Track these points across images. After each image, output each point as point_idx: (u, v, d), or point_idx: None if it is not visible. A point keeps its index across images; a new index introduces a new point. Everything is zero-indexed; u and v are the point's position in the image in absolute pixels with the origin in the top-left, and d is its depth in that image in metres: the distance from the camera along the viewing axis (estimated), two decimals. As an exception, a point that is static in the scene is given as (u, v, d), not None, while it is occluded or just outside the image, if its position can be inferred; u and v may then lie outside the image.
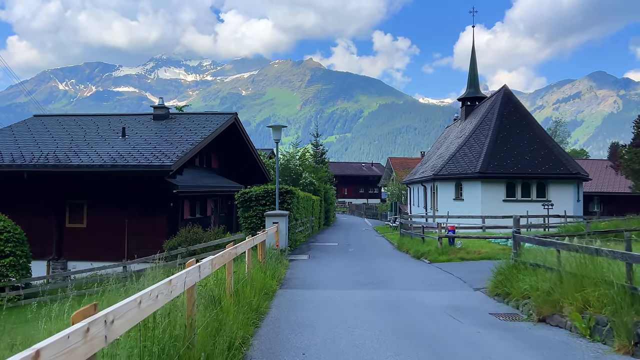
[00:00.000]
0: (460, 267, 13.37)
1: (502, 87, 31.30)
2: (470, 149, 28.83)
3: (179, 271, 4.34)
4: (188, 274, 4.09)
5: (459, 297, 9.63)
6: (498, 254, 14.48)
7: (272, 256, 13.03)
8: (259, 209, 17.71)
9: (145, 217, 20.96)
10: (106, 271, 19.81)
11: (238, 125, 26.89)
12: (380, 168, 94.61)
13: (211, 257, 5.26)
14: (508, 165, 26.78)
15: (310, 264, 14.53)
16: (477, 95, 37.87)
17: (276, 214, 15.89)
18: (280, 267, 12.44)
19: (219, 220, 26.14)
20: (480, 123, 30.07)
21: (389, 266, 14.34)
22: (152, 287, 3.19)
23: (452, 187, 28.59)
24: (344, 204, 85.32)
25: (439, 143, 44.28)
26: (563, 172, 26.43)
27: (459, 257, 14.68)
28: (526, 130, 28.50)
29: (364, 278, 11.79)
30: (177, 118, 26.05)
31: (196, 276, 4.37)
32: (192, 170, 24.35)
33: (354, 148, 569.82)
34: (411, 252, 17.28)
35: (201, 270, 4.58)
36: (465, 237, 16.08)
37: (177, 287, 3.67)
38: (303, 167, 36.76)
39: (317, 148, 49.61)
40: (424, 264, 14.74)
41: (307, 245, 21.42)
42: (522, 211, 25.78)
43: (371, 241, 25.07)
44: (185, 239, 17.99)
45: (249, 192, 17.90)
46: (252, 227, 17.74)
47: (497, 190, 26.80)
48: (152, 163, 19.41)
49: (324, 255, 17.38)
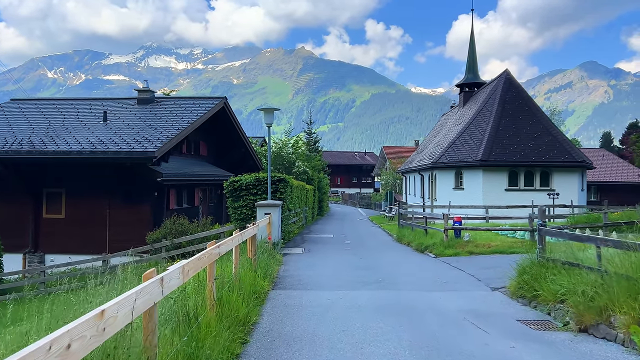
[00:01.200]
0: (470, 263, 12.19)
1: (504, 72, 30.07)
2: (470, 136, 27.65)
3: (143, 282, 3.08)
4: (141, 293, 2.83)
5: (476, 299, 8.44)
6: (511, 248, 13.37)
7: (263, 251, 11.77)
8: (249, 198, 16.41)
9: (129, 207, 19.63)
10: (86, 265, 18.55)
11: (227, 110, 25.48)
12: (373, 157, 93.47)
13: (183, 263, 3.98)
14: (511, 153, 25.64)
15: (306, 259, 13.29)
16: (476, 81, 36.62)
17: (268, 204, 14.61)
18: (272, 264, 11.19)
19: (207, 211, 24.83)
20: (481, 109, 28.86)
21: (392, 261, 13.13)
22: (57, 333, 1.91)
23: (451, 176, 27.43)
24: (337, 193, 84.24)
25: (436, 131, 43.08)
26: (568, 160, 25.34)
27: (467, 251, 13.51)
28: (529, 116, 27.34)
29: (366, 275, 10.57)
30: (162, 102, 24.59)
31: (157, 293, 3.12)
32: (178, 158, 22.98)
33: (346, 137, 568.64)
34: (413, 244, 16.10)
35: (165, 284, 3.31)
36: (473, 228, 14.90)
37: (119, 319, 2.41)
38: (296, 156, 35.46)
39: (310, 136, 48.25)
40: (429, 258, 13.56)
41: (301, 237, 20.19)
42: (525, 201, 24.77)
43: (368, 232, 23.89)
44: (170, 231, 16.69)
45: (238, 181, 16.59)
46: (242, 218, 16.46)
47: (499, 178, 25.68)
48: (134, 149, 18.02)
49: (319, 248, 16.16)
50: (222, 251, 5.99)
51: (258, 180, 16.53)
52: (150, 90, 24.65)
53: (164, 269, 4.50)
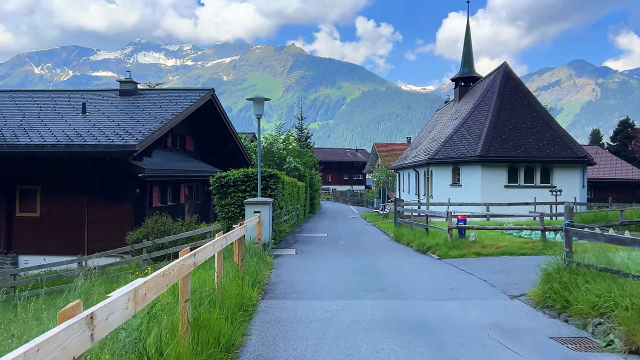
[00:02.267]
0: (479, 265, 11.14)
1: (502, 65, 29.11)
2: (468, 131, 26.67)
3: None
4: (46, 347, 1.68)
5: (496, 309, 7.37)
6: (521, 249, 12.35)
7: (252, 253, 10.63)
8: (237, 195, 15.24)
9: (109, 205, 18.37)
10: (62, 267, 17.31)
11: (215, 103, 24.25)
12: (365, 154, 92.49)
13: (136, 285, 2.83)
14: (510, 148, 24.69)
15: (299, 262, 12.17)
16: (471, 75, 35.67)
17: (258, 201, 13.46)
18: (262, 268, 10.06)
19: (194, 209, 23.62)
20: (479, 103, 27.89)
21: (393, 263, 12.05)
22: None
23: (448, 172, 26.44)
24: (328, 190, 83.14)
25: (430, 127, 42.12)
26: (569, 156, 24.44)
27: (474, 252, 12.47)
28: (529, 110, 26.41)
29: (367, 281, 9.47)
30: (146, 94, 23.29)
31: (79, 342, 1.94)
32: (163, 153, 21.73)
33: (336, 135, 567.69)
34: (413, 245, 15.03)
35: (99, 324, 2.14)
36: (480, 228, 13.85)
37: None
38: (287, 152, 34.27)
39: (302, 132, 47.04)
40: (433, 260, 12.49)
41: (293, 236, 19.05)
42: (526, 197, 23.87)
43: (363, 231, 22.81)
44: (152, 230, 15.50)
45: (225, 176, 15.40)
46: (229, 216, 15.29)
47: (498, 175, 24.72)
48: (113, 142, 16.77)
49: (313, 248, 15.04)
50: (199, 260, 4.84)
51: (247, 175, 15.36)
52: (133, 81, 23.35)
53: (128, 281, 3.37)
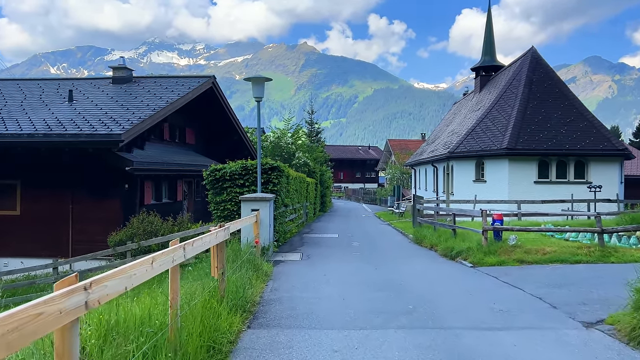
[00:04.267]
0: (525, 276, 8.98)
1: (530, 50, 26.73)
2: (493, 122, 24.38)
3: None
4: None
5: (572, 346, 5.23)
6: (574, 255, 10.15)
7: (244, 262, 8.60)
8: (234, 191, 13.23)
9: (96, 203, 16.50)
10: (42, 271, 15.49)
11: (217, 92, 22.28)
12: (377, 151, 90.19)
13: None
14: (541, 140, 22.37)
15: (304, 270, 10.10)
16: (493, 63, 33.28)
17: (256, 197, 11.41)
18: (256, 281, 8.02)
19: (194, 207, 21.70)
20: (504, 92, 25.57)
21: (417, 273, 9.92)
22: None
23: (471, 167, 24.19)
24: (340, 188, 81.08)
25: (448, 120, 39.80)
26: (607, 148, 22.05)
27: (516, 259, 10.30)
28: (560, 98, 24.04)
29: (389, 298, 7.39)
30: (141, 82, 21.40)
31: None
32: (159, 145, 19.83)
33: (348, 133, 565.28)
34: (439, 249, 12.89)
35: None
36: (521, 229, 11.63)
37: None
38: (296, 146, 32.24)
39: (312, 127, 44.91)
40: (465, 268, 10.35)
41: (300, 237, 17.00)
42: (557, 194, 21.60)
43: (378, 231, 20.69)
44: (137, 231, 13.53)
45: (221, 169, 13.39)
46: (225, 215, 13.28)
47: (527, 169, 22.42)
48: (96, 132, 14.84)
49: (322, 253, 12.97)
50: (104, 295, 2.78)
51: (245, 168, 13.33)
52: (128, 68, 21.47)
53: None
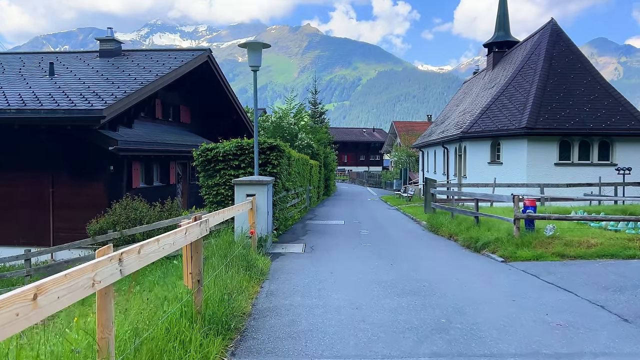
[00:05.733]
0: (571, 275, 7.48)
1: (549, 22, 24.87)
2: (510, 100, 22.68)
3: None
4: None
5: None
6: (626, 249, 8.65)
7: (235, 258, 7.13)
8: (228, 173, 11.71)
9: (78, 186, 15.06)
10: (18, 262, 14.11)
11: (213, 67, 20.63)
12: (382, 134, 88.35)
13: None
14: (562, 119, 20.70)
15: (307, 267, 8.61)
16: (507, 39, 31.39)
17: (251, 181, 9.89)
18: (248, 282, 6.55)
19: (189, 190, 20.23)
20: (522, 67, 23.80)
21: (441, 269, 8.42)
22: None
23: (486, 148, 22.57)
24: (344, 171, 79.56)
25: (457, 100, 38.02)
26: (635, 128, 20.37)
27: (555, 253, 8.79)
28: (583, 74, 22.29)
29: (414, 308, 5.90)
30: (131, 55, 19.76)
31: None
32: (150, 124, 18.32)
33: (352, 116, 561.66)
34: (460, 239, 11.39)
35: None
36: (559, 218, 10.07)
37: None
38: (299, 127, 30.58)
39: (316, 107, 43.13)
40: (496, 263, 8.84)
41: (302, 224, 15.51)
42: (580, 178, 20.10)
43: (386, 217, 19.20)
44: (120, 218, 12.07)
45: (213, 149, 11.86)
46: (218, 201, 11.80)
47: (547, 150, 20.80)
48: (75, 107, 13.29)
49: (327, 243, 11.49)
50: None
51: (241, 147, 11.79)
52: (116, 40, 19.80)
53: None
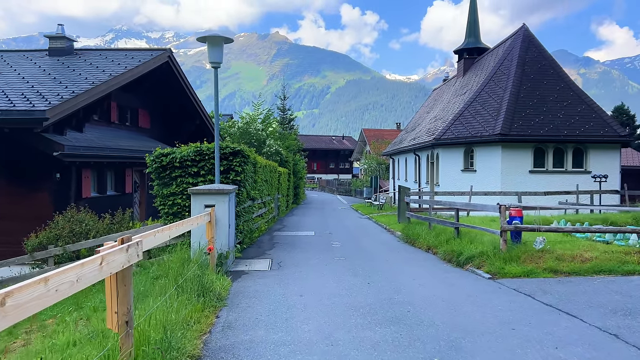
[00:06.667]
0: (572, 295, 6.67)
1: (521, 28, 24.62)
2: (483, 106, 22.19)
3: None
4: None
5: None
6: (623, 264, 7.92)
7: (187, 281, 6.02)
8: (186, 181, 10.55)
9: (19, 195, 13.56)
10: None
11: (175, 68, 19.37)
12: (351, 142, 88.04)
13: None
14: (537, 126, 20.29)
15: (273, 288, 7.53)
16: (478, 45, 31.16)
17: (211, 190, 8.77)
18: (200, 313, 5.44)
19: (147, 200, 18.84)
20: (495, 73, 23.40)
21: (424, 289, 7.47)
22: None
23: (459, 155, 21.99)
24: (314, 179, 78.76)
25: (428, 107, 37.64)
26: (609, 135, 20.13)
27: (547, 269, 7.99)
28: (556, 80, 22.01)
29: (399, 341, 4.93)
30: (83, 54, 18.32)
31: None
32: (104, 128, 16.93)
33: (321, 124, 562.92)
34: (439, 251, 10.52)
35: None
36: (550, 229, 9.30)
37: None
38: (267, 133, 29.47)
39: (285, 113, 42.07)
40: (483, 281, 7.98)
41: (269, 237, 14.40)
42: (554, 185, 19.73)
43: (359, 227, 18.28)
44: (63, 232, 10.73)
45: (169, 154, 10.67)
46: (175, 212, 10.60)
47: (522, 157, 20.33)
48: (14, 108, 11.89)
49: (296, 257, 10.44)
50: None
51: (200, 153, 10.64)
52: (68, 37, 18.33)
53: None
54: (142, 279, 7.84)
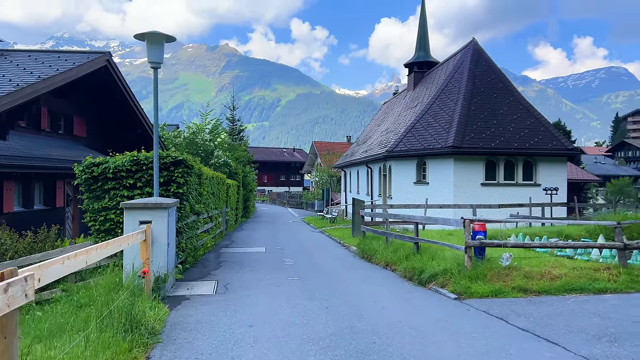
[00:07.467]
0: (547, 318, 6.14)
1: (471, 42, 24.86)
2: (435, 118, 22.08)
3: None
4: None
5: None
6: (593, 281, 7.54)
7: (113, 313, 5.01)
8: (121, 194, 9.41)
9: None
10: None
11: (114, 73, 18.02)
12: (302, 154, 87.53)
13: None
14: (488, 138, 20.32)
15: (218, 316, 6.57)
16: (428, 59, 31.37)
17: (147, 204, 7.74)
18: (125, 355, 4.45)
19: (80, 214, 17.25)
20: (446, 85, 23.42)
21: (389, 314, 6.74)
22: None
23: (412, 167, 21.71)
24: (264, 192, 77.47)
25: (378, 120, 37.60)
26: (557, 148, 20.42)
27: (516, 288, 7.48)
28: (506, 94, 22.23)
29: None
30: (10, 55, 16.71)
31: None
32: (33, 137, 15.39)
33: (272, 137, 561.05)
34: (399, 268, 9.88)
35: None
36: (516, 245, 8.84)
37: None
38: (215, 144, 28.29)
39: (234, 124, 40.87)
40: (449, 302, 7.36)
41: (216, 254, 13.34)
42: (506, 198, 19.73)
43: (312, 242, 17.48)
44: (-27, 253, 9.28)
45: (101, 164, 9.52)
46: (107, 229, 9.42)
47: (474, 170, 20.26)
48: None
49: (245, 279, 9.49)
50: None
51: (137, 162, 9.55)
52: (-8, 37, 16.65)
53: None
54: (64, 308, 6.72)
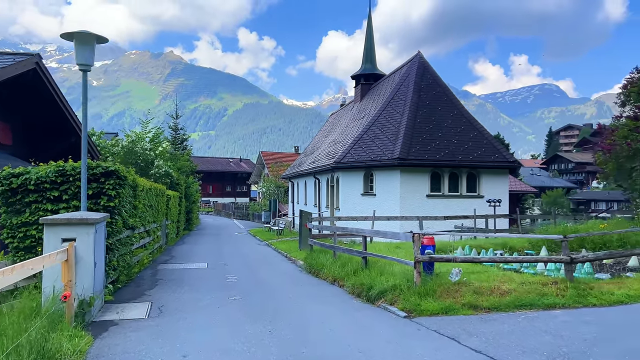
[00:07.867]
0: (500, 337, 5.94)
1: (416, 55, 25.21)
2: (382, 130, 22.13)
3: None
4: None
5: None
6: (541, 296, 7.48)
7: (22, 347, 4.31)
8: (44, 208, 8.53)
9: None
10: None
11: (44, 77, 16.74)
12: (249, 164, 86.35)
13: None
14: (433, 150, 20.54)
15: (148, 346, 5.90)
16: (374, 72, 31.66)
17: (70, 220, 6.98)
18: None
19: (4, 229, 15.82)
20: (392, 98, 23.58)
21: (338, 336, 6.34)
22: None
23: (359, 179, 21.60)
24: (209, 203, 75.66)
25: (326, 131, 37.55)
26: (499, 160, 20.92)
27: (466, 304, 7.28)
28: (450, 107, 22.63)
29: None
30: None
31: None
32: (-54, 144, 13.96)
33: (218, 146, 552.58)
34: (347, 284, 9.52)
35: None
36: (465, 260, 8.68)
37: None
38: (156, 154, 27.07)
39: (177, 133, 39.56)
40: (398, 319, 7.06)
41: (153, 271, 12.49)
42: (450, 209, 19.99)
43: (258, 256, 16.87)
44: None
45: (22, 174, 8.60)
46: (28, 246, 8.50)
47: (420, 181, 20.39)
48: None
49: (182, 300, 8.81)
50: None
51: (63, 173, 8.71)
52: None
53: None
54: None
